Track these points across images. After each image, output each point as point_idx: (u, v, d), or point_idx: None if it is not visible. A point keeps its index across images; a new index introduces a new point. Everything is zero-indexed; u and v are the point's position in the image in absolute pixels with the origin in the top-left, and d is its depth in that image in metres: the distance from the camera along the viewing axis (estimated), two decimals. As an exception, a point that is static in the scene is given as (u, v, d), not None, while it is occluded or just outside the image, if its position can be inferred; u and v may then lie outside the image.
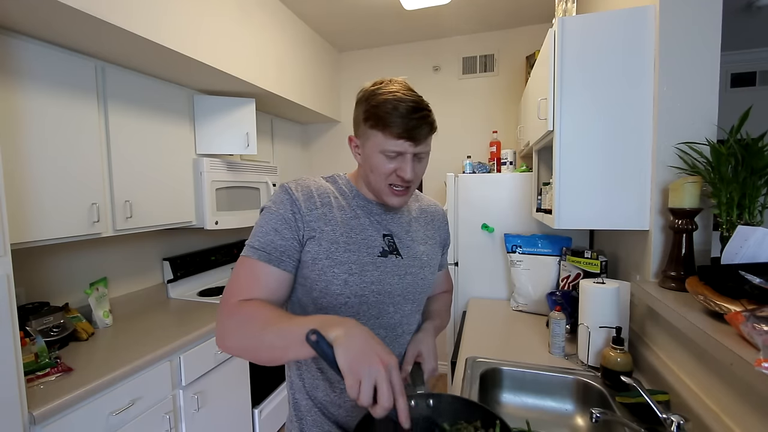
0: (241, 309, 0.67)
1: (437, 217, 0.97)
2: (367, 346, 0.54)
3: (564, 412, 1.17)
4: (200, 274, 2.37)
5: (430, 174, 3.01)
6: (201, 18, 1.70)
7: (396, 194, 0.78)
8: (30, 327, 1.42)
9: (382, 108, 0.72)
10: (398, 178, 0.76)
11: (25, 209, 1.31)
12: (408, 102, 0.72)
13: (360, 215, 0.81)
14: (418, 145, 0.74)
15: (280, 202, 0.76)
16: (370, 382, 0.52)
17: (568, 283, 1.66)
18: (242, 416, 1.91)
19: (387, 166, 0.75)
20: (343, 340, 0.54)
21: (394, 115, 0.71)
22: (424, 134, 0.73)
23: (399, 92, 0.73)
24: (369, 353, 0.53)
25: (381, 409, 0.52)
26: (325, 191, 0.80)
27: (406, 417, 0.54)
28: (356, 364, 0.52)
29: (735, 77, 2.70)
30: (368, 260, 0.77)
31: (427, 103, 0.75)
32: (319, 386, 0.80)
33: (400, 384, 0.54)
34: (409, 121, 0.71)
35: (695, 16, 1.05)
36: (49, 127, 1.39)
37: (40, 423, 1.11)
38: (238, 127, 2.21)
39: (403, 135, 0.71)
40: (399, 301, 0.81)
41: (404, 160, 0.74)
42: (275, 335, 0.60)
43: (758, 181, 0.89)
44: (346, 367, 0.52)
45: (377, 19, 2.57)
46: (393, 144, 0.72)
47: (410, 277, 0.82)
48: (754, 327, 0.64)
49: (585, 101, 1.18)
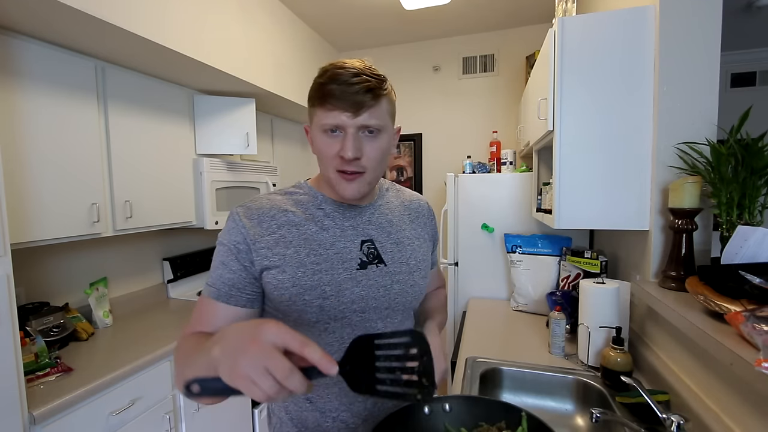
0: (180, 343, 0.64)
1: (423, 212, 0.87)
2: (237, 341, 0.44)
3: (564, 412, 1.17)
4: (200, 274, 2.37)
5: (430, 174, 3.02)
6: (201, 18, 1.70)
7: (345, 179, 0.67)
8: (30, 327, 1.42)
9: (316, 82, 0.65)
10: (341, 160, 0.65)
11: (25, 209, 1.31)
12: (348, 69, 0.63)
13: (328, 226, 0.71)
14: (358, 116, 0.63)
15: (227, 231, 0.69)
16: (257, 371, 0.41)
17: (568, 283, 1.66)
18: (242, 416, 1.91)
19: (330, 146, 0.65)
20: (219, 356, 0.45)
21: (330, 85, 0.63)
22: (366, 101, 0.63)
23: (345, 65, 0.65)
24: (240, 345, 0.43)
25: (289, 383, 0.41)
26: (281, 209, 0.71)
27: (326, 362, 0.44)
28: (236, 366, 0.42)
29: (735, 77, 2.69)
30: (345, 277, 0.68)
31: (376, 71, 0.66)
32: (308, 418, 0.73)
33: (294, 338, 0.43)
34: (345, 87, 0.62)
35: (695, 16, 1.05)
36: (50, 127, 1.39)
37: (40, 423, 1.11)
38: (238, 127, 2.21)
39: (339, 105, 0.62)
40: (387, 314, 0.73)
41: (346, 136, 0.64)
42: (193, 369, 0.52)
43: (758, 181, 0.89)
44: (231, 379, 0.42)
45: (377, 19, 2.57)
46: (328, 117, 0.64)
47: (398, 285, 0.73)
48: (754, 327, 0.64)
49: (585, 101, 1.18)
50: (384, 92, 0.66)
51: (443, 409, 0.65)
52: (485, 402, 0.65)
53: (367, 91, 0.63)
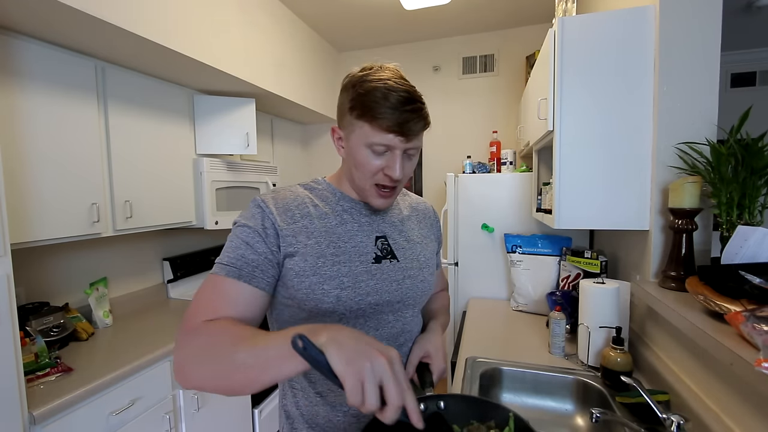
0: (205, 329, 0.58)
1: (428, 215, 0.92)
2: (361, 343, 0.48)
3: (564, 412, 1.17)
4: (200, 274, 2.38)
5: (430, 174, 3.02)
6: (201, 18, 1.70)
7: (382, 195, 0.71)
8: (30, 327, 1.42)
9: (370, 96, 0.65)
10: (386, 177, 0.69)
11: (25, 209, 1.31)
12: (400, 92, 0.65)
13: (347, 220, 0.74)
14: (410, 141, 0.67)
15: (251, 216, 0.69)
16: (374, 381, 0.44)
17: (568, 283, 1.66)
18: (242, 416, 1.91)
19: (374, 162, 0.68)
20: (334, 342, 0.47)
21: (384, 105, 0.64)
22: (417, 129, 0.67)
23: (390, 80, 0.66)
24: (366, 349, 0.47)
25: (393, 409, 0.45)
26: (303, 201, 0.73)
27: (418, 416, 0.47)
28: (354, 362, 0.45)
29: (735, 77, 2.69)
30: (361, 269, 0.71)
31: (420, 94, 0.68)
32: (318, 413, 0.73)
33: (406, 379, 0.48)
34: (401, 113, 0.64)
35: (695, 16, 1.05)
36: (50, 127, 1.39)
37: (40, 423, 1.11)
38: (238, 127, 2.21)
39: (394, 128, 0.64)
40: (399, 308, 0.76)
41: (393, 156, 0.67)
42: (249, 353, 0.50)
43: (758, 181, 0.89)
44: (343, 368, 0.45)
45: (377, 19, 2.57)
46: (382, 138, 0.65)
47: (409, 281, 0.76)
48: (754, 327, 0.64)
49: (585, 101, 1.18)
50: (429, 119, 0.70)
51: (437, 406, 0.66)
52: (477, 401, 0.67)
53: (419, 119, 0.66)
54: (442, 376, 0.78)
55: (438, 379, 0.77)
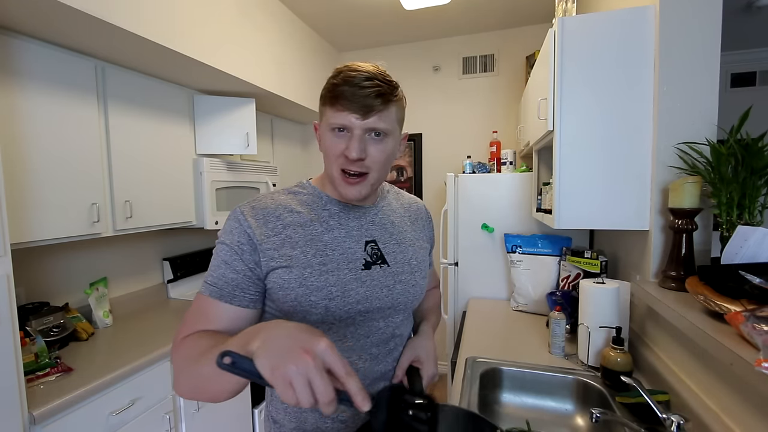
0: (182, 344, 0.61)
1: (421, 215, 0.90)
2: (288, 342, 0.46)
3: (564, 412, 1.17)
4: (200, 274, 2.37)
5: (430, 174, 3.02)
6: (201, 18, 1.70)
7: (348, 182, 0.68)
8: (30, 327, 1.42)
9: (330, 83, 0.67)
10: (345, 159, 0.67)
11: (25, 209, 1.31)
12: (361, 72, 0.65)
13: (333, 227, 0.72)
14: (366, 118, 0.65)
15: (230, 231, 0.67)
16: (301, 380, 0.44)
17: (568, 283, 1.66)
18: (242, 416, 1.91)
19: (336, 145, 0.67)
20: (262, 348, 0.46)
21: (339, 86, 0.64)
22: (375, 106, 0.64)
23: (359, 68, 0.66)
24: (291, 349, 0.45)
25: (323, 404, 0.44)
26: (287, 209, 0.71)
27: (361, 398, 0.46)
28: (279, 367, 0.44)
29: (735, 77, 2.69)
30: (350, 277, 0.69)
31: (389, 77, 0.67)
32: (307, 419, 0.73)
33: (341, 365, 0.46)
34: (356, 89, 0.64)
35: (695, 16, 1.05)
36: (50, 127, 1.39)
37: (40, 423, 1.11)
38: (238, 127, 2.21)
39: (349, 106, 0.64)
40: (389, 314, 0.74)
41: (352, 136, 0.66)
42: (208, 365, 0.50)
43: (758, 181, 0.89)
44: (269, 374, 0.44)
45: (377, 19, 2.57)
46: (338, 117, 0.65)
47: (400, 286, 0.75)
48: (754, 327, 0.64)
49: (585, 101, 1.18)
50: (394, 98, 0.68)
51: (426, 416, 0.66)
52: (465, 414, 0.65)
53: (377, 95, 0.64)
54: (431, 381, 0.77)
55: (428, 384, 0.76)
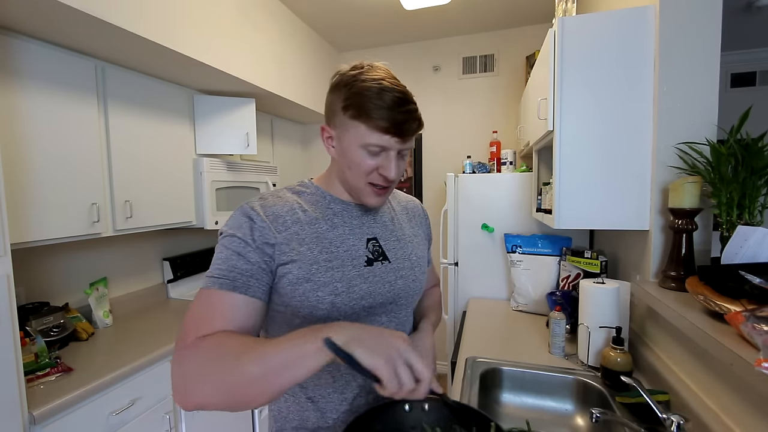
0: (204, 344, 0.56)
1: (418, 213, 0.92)
2: (377, 335, 0.52)
3: (564, 412, 1.17)
4: (200, 274, 2.37)
5: (430, 174, 3.02)
6: (201, 18, 1.70)
7: (377, 194, 0.72)
8: (30, 327, 1.42)
9: (365, 96, 0.64)
10: (380, 177, 0.69)
11: (25, 209, 1.31)
12: (395, 92, 0.65)
13: (337, 224, 0.73)
14: (405, 142, 0.67)
15: (239, 226, 0.66)
16: (402, 363, 0.50)
17: (568, 283, 1.66)
18: (242, 416, 1.91)
19: (368, 162, 0.67)
20: (354, 340, 0.50)
21: (380, 106, 0.63)
22: (412, 130, 0.67)
23: (384, 80, 0.66)
24: (386, 339, 0.51)
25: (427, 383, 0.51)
26: (293, 207, 0.71)
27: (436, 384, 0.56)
28: (383, 355, 0.49)
29: (735, 77, 2.69)
30: (354, 274, 0.70)
31: (412, 94, 0.69)
32: (309, 418, 0.73)
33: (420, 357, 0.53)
34: (396, 114, 0.64)
35: (695, 16, 1.05)
36: (50, 127, 1.39)
37: (40, 423, 1.11)
38: (238, 127, 2.21)
39: (390, 129, 0.64)
40: (392, 309, 0.76)
41: (388, 157, 0.67)
42: (259, 364, 0.51)
43: (758, 181, 0.89)
44: (374, 361, 0.49)
45: (377, 19, 2.57)
46: (378, 138, 0.65)
47: (402, 281, 0.76)
48: (754, 327, 0.64)
49: (585, 101, 1.18)
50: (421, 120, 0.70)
51: (422, 408, 0.68)
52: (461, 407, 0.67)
53: (414, 120, 0.67)
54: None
55: None
